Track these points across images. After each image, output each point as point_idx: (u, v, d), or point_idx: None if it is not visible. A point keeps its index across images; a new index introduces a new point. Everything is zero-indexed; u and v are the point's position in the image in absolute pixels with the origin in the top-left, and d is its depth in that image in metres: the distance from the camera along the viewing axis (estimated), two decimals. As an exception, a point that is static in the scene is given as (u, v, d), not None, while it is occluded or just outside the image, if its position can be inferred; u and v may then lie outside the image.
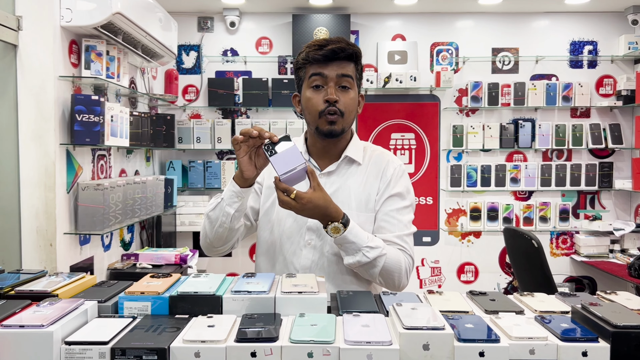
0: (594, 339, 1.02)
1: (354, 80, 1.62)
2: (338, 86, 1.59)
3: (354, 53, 1.60)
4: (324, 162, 1.69)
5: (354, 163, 1.69)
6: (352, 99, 1.62)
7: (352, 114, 1.63)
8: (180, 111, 4.27)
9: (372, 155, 1.72)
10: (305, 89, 1.64)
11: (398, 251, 1.61)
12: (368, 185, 1.67)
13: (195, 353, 0.99)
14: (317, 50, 1.58)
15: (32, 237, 2.56)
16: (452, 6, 4.13)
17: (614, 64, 4.25)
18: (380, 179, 1.68)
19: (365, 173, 1.69)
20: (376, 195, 1.67)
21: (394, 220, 1.64)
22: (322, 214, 1.48)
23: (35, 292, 1.22)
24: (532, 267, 3.15)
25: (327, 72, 1.58)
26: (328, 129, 1.60)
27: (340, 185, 1.66)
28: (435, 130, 4.30)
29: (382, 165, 1.70)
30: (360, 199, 1.66)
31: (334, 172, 1.68)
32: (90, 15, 2.60)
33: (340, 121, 1.60)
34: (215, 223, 1.58)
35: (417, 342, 0.99)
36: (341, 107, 1.59)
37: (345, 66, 1.60)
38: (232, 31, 4.23)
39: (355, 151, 1.70)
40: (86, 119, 2.65)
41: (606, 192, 4.30)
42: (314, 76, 1.60)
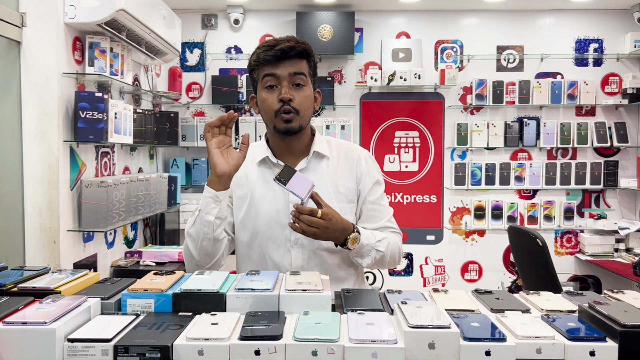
0: (601, 338, 1.01)
1: (307, 77, 1.63)
2: (292, 84, 1.60)
3: (304, 50, 1.61)
4: (290, 161, 1.69)
5: (324, 158, 1.71)
6: (307, 96, 1.62)
7: (308, 111, 1.64)
8: (184, 109, 4.26)
9: (338, 149, 1.75)
10: (260, 90, 1.64)
11: (392, 234, 1.71)
12: (344, 177, 1.70)
13: (198, 351, 0.98)
14: (267, 50, 1.59)
15: (36, 234, 2.56)
16: (456, 4, 4.12)
17: (620, 62, 4.22)
18: (356, 170, 1.71)
19: (336, 166, 1.71)
20: (357, 186, 1.71)
21: (380, 207, 1.73)
22: (342, 227, 1.53)
23: (38, 289, 1.21)
24: (537, 266, 3.14)
25: (279, 71, 1.59)
26: (285, 127, 1.61)
27: (315, 181, 1.62)
28: (439, 129, 4.28)
29: (353, 156, 1.73)
30: (339, 192, 1.68)
31: (306, 168, 1.68)
32: (94, 12, 2.60)
33: (296, 119, 1.61)
34: (198, 238, 1.57)
35: (423, 341, 0.98)
36: (296, 106, 1.60)
37: (296, 64, 1.60)
38: (236, 29, 4.22)
39: (321, 145, 1.72)
40: (90, 116, 2.64)
41: (611, 191, 4.28)
42: (266, 77, 1.61)
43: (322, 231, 1.49)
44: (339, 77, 4.26)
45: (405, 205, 4.31)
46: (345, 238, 1.54)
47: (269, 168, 1.70)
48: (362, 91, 4.28)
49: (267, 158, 1.69)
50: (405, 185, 4.31)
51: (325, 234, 1.50)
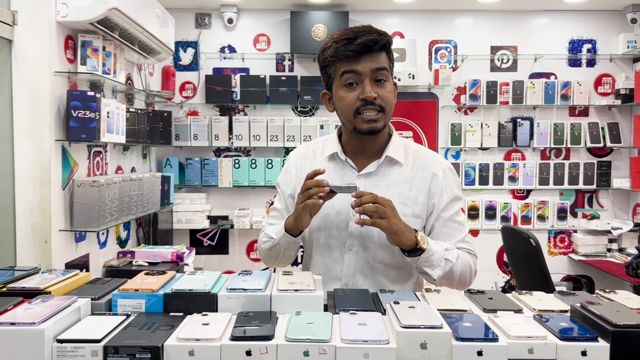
0: (593, 338, 1.01)
1: (389, 71, 1.51)
2: (374, 80, 1.47)
3: (386, 43, 1.48)
4: (361, 162, 1.59)
5: (396, 164, 1.57)
6: (391, 92, 1.50)
7: (392, 107, 1.52)
8: (178, 108, 4.25)
9: (416, 156, 1.60)
10: (337, 88, 1.52)
11: (465, 253, 1.56)
12: (414, 189, 1.56)
13: (189, 351, 0.97)
14: (346, 44, 1.45)
15: (27, 234, 2.54)
16: (450, 4, 4.12)
17: (613, 63, 4.24)
18: (431, 184, 1.56)
19: (409, 175, 1.57)
20: (428, 200, 1.56)
21: (454, 224, 1.57)
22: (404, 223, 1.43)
23: (27, 289, 1.20)
24: (530, 266, 3.14)
25: (361, 68, 1.46)
26: (368, 128, 1.49)
27: (383, 187, 1.54)
28: (433, 128, 4.29)
29: (430, 167, 1.58)
30: (405, 204, 1.54)
31: (374, 172, 1.56)
32: (86, 10, 2.58)
33: (381, 117, 1.49)
34: (277, 258, 1.60)
35: (415, 341, 0.98)
36: (381, 103, 1.47)
37: (378, 58, 1.47)
38: (230, 28, 4.21)
39: (396, 150, 1.58)
40: (82, 115, 2.63)
41: (604, 191, 4.29)
42: (346, 74, 1.47)
43: (389, 212, 1.37)
44: (333, 76, 4.24)
45: (399, 205, 4.30)
46: (415, 235, 1.42)
47: (337, 165, 1.60)
48: (356, 91, 4.26)
49: (335, 154, 1.59)
50: (399, 185, 4.30)
51: (392, 216, 1.38)
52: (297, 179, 1.64)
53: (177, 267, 3.28)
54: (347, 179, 1.57)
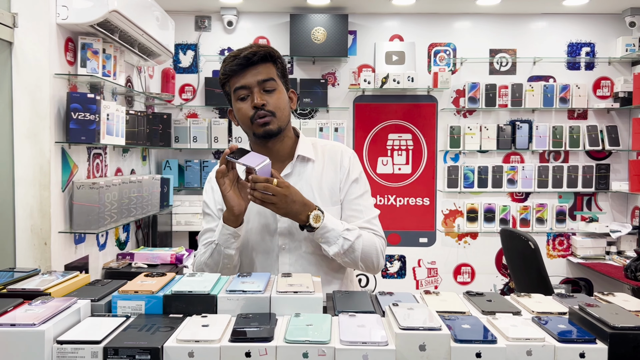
0: (591, 340, 1.01)
1: (277, 79, 1.62)
2: (262, 90, 1.59)
3: (267, 54, 1.60)
4: (276, 166, 1.65)
5: (309, 161, 1.69)
6: (280, 98, 1.61)
7: (284, 112, 1.62)
8: (177, 110, 4.25)
9: (324, 150, 1.73)
10: (234, 102, 1.64)
11: (370, 233, 1.65)
12: (328, 178, 1.68)
13: (189, 353, 0.97)
14: (232, 61, 1.59)
15: (27, 236, 2.54)
16: (450, 7, 4.13)
17: (612, 66, 4.25)
18: (339, 170, 1.70)
19: (321, 168, 1.69)
20: (340, 184, 1.69)
21: (359, 206, 1.68)
22: (302, 202, 1.51)
23: (27, 290, 1.20)
24: (529, 269, 3.15)
25: (247, 81, 1.58)
26: (263, 131, 1.59)
27: (300, 185, 1.64)
28: (432, 131, 4.29)
29: (337, 157, 1.71)
30: (324, 194, 1.66)
31: (291, 173, 1.67)
32: (86, 12, 2.59)
33: (273, 121, 1.59)
34: (217, 267, 1.59)
35: (414, 343, 0.98)
36: (270, 109, 1.58)
37: (263, 70, 1.59)
38: (230, 30, 4.21)
39: (306, 149, 1.69)
40: (82, 117, 2.63)
41: (603, 194, 4.30)
42: (238, 90, 1.60)
43: (281, 199, 1.45)
44: (332, 79, 4.26)
45: (398, 208, 4.31)
46: (307, 215, 1.50)
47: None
48: (355, 94, 4.28)
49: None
50: (398, 187, 4.31)
51: (284, 204, 1.46)
52: (216, 196, 1.69)
53: (177, 269, 3.28)
54: None
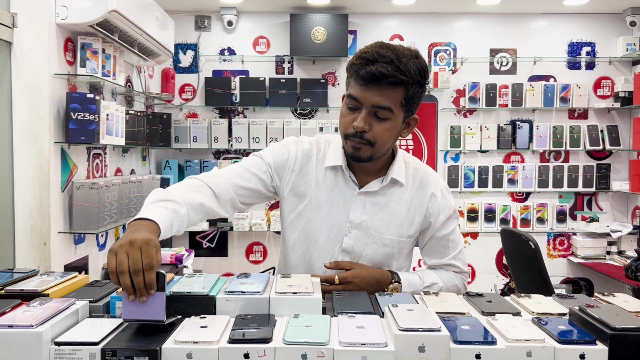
0: (591, 341, 1.01)
1: (397, 107, 1.41)
2: (374, 114, 1.41)
3: (398, 81, 1.36)
4: (361, 177, 1.55)
5: (397, 183, 1.55)
6: (387, 130, 1.42)
7: (386, 144, 1.46)
8: (177, 110, 4.25)
9: (415, 175, 1.59)
10: (343, 103, 1.49)
11: (452, 275, 1.61)
12: (412, 210, 1.56)
13: (187, 354, 0.97)
14: (360, 66, 1.38)
15: (26, 236, 2.54)
16: (450, 6, 4.12)
17: (612, 66, 4.24)
18: (428, 204, 1.57)
19: (409, 196, 1.56)
20: (423, 220, 1.58)
21: (448, 243, 1.61)
22: (375, 281, 1.48)
23: (25, 291, 1.20)
24: (529, 269, 3.14)
25: (363, 97, 1.39)
26: (352, 154, 1.46)
27: (382, 207, 1.54)
28: (432, 131, 4.29)
29: (428, 189, 1.57)
30: (402, 224, 1.55)
31: (377, 192, 1.54)
32: (86, 12, 2.58)
33: (367, 149, 1.44)
34: None
35: (413, 344, 0.97)
36: (370, 137, 1.42)
37: (385, 93, 1.38)
38: (230, 30, 4.21)
39: (399, 171, 1.55)
40: (81, 117, 2.63)
41: (603, 194, 4.29)
42: (349, 98, 1.44)
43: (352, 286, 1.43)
44: (332, 79, 4.26)
45: (398, 208, 4.30)
46: (385, 290, 1.47)
47: (338, 176, 1.56)
48: (355, 93, 4.27)
49: (339, 167, 1.55)
50: (399, 187, 4.30)
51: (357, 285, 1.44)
52: (292, 175, 1.57)
53: (176, 270, 3.28)
54: (348, 193, 1.54)
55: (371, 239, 1.54)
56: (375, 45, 1.40)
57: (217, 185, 1.48)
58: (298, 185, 1.56)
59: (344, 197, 1.53)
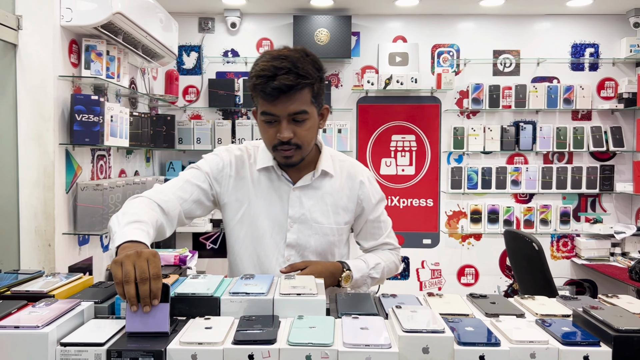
0: (595, 343, 1.01)
1: (310, 105, 1.51)
2: (292, 120, 1.49)
3: (302, 85, 1.45)
4: (294, 174, 1.65)
5: (327, 175, 1.67)
6: (309, 129, 1.53)
7: (310, 142, 1.57)
8: (181, 112, 4.26)
9: (342, 166, 1.71)
10: (259, 120, 1.55)
11: (388, 253, 1.78)
12: (344, 198, 1.68)
13: (192, 355, 0.97)
14: (264, 84, 1.43)
15: (31, 237, 2.55)
16: (453, 8, 4.13)
17: (616, 67, 4.23)
18: (359, 192, 1.70)
19: (338, 185, 1.68)
20: (355, 207, 1.70)
21: (380, 224, 1.76)
22: (330, 273, 1.57)
23: (31, 292, 1.21)
24: (533, 270, 3.14)
25: (277, 111, 1.47)
26: (285, 162, 1.56)
27: (317, 199, 1.64)
28: (436, 132, 4.29)
29: (356, 178, 1.71)
30: (338, 212, 1.67)
31: (310, 186, 1.65)
32: (90, 14, 2.59)
33: (297, 153, 1.54)
34: None
35: (417, 345, 0.98)
36: (297, 142, 1.51)
37: (296, 100, 1.46)
38: (233, 32, 4.22)
39: (327, 163, 1.67)
40: (86, 119, 2.64)
41: (607, 195, 4.28)
42: (263, 115, 1.50)
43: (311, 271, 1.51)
44: (335, 80, 4.26)
45: (401, 209, 4.31)
46: (338, 280, 1.59)
47: (271, 177, 1.65)
48: (358, 95, 4.28)
49: (271, 168, 1.64)
50: (402, 188, 4.31)
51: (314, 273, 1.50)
52: (230, 181, 1.64)
53: (180, 271, 3.29)
54: (284, 191, 1.63)
55: (312, 230, 1.63)
56: (268, 59, 1.47)
57: (165, 202, 1.51)
58: (237, 189, 1.64)
59: (280, 194, 1.63)
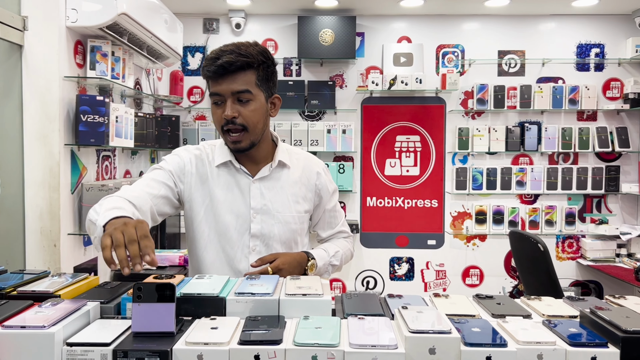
0: (603, 344, 1.00)
1: (255, 88, 1.56)
2: (236, 100, 1.55)
3: (246, 63, 1.53)
4: (250, 167, 1.69)
5: (285, 167, 1.72)
6: (254, 111, 1.57)
7: (258, 125, 1.60)
8: (185, 112, 4.26)
9: (298, 158, 1.77)
10: (211, 103, 1.62)
11: (344, 241, 1.87)
12: (303, 188, 1.74)
13: (198, 355, 0.97)
14: (209, 64, 1.53)
15: (36, 238, 2.56)
16: (458, 8, 4.12)
17: (621, 67, 4.22)
18: (316, 182, 1.77)
19: (296, 176, 1.74)
20: (314, 196, 1.77)
21: (336, 213, 1.85)
22: (297, 264, 1.62)
23: (37, 292, 1.21)
24: (538, 271, 3.13)
25: (222, 89, 1.54)
26: (233, 147, 1.61)
27: (277, 190, 1.69)
28: (440, 133, 4.28)
29: (312, 169, 1.77)
30: (297, 201, 1.72)
31: (268, 176, 1.69)
32: (95, 15, 2.60)
33: (245, 136, 1.58)
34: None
35: (423, 346, 0.97)
36: (242, 122, 1.56)
37: (240, 79, 1.54)
38: (238, 33, 4.22)
39: (284, 155, 1.73)
40: (91, 119, 2.64)
41: (613, 196, 4.27)
42: (212, 95, 1.57)
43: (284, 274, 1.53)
44: (340, 81, 4.26)
45: (406, 210, 4.30)
46: (305, 269, 1.64)
47: (230, 172, 1.68)
48: (363, 95, 4.28)
49: (229, 162, 1.68)
50: (406, 189, 4.30)
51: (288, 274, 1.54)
52: (192, 178, 1.67)
53: (185, 271, 3.28)
54: (244, 184, 1.67)
55: (275, 219, 1.67)
56: (220, 47, 1.57)
57: (136, 197, 1.52)
58: (198, 187, 1.67)
59: (241, 188, 1.67)
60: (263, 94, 1.60)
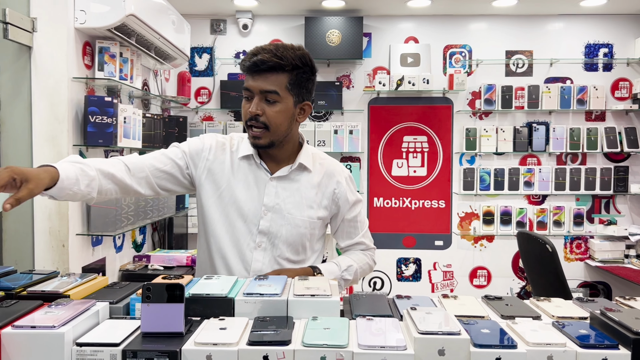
0: (614, 345, 0.99)
1: (284, 91, 1.57)
2: (264, 99, 1.57)
3: (279, 65, 1.55)
4: (271, 166, 1.70)
5: (305, 170, 1.71)
6: (279, 112, 1.58)
7: (280, 127, 1.60)
8: (193, 113, 4.28)
9: (322, 164, 1.76)
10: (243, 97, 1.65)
11: (361, 254, 1.81)
12: (320, 194, 1.72)
13: (207, 356, 0.98)
14: (246, 59, 1.58)
15: (45, 238, 2.57)
16: (465, 9, 4.11)
17: (630, 67, 4.19)
18: (337, 190, 1.73)
19: (317, 181, 1.72)
20: (332, 204, 1.73)
21: (357, 224, 1.80)
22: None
23: (47, 292, 1.22)
24: (546, 272, 3.11)
25: (252, 85, 1.57)
26: (253, 142, 1.63)
27: (293, 191, 1.68)
28: (448, 133, 4.27)
29: (334, 177, 1.74)
30: (312, 207, 1.70)
31: (287, 177, 1.69)
32: (103, 17, 2.61)
33: (265, 135, 1.59)
34: None
35: (432, 347, 0.97)
36: (265, 121, 1.57)
37: (270, 79, 1.56)
38: (245, 33, 4.23)
39: (307, 158, 1.72)
40: (99, 120, 2.65)
41: (621, 197, 4.24)
42: (244, 90, 1.61)
43: None
44: (347, 81, 4.26)
45: (413, 211, 4.29)
46: None
47: (251, 165, 1.69)
48: (370, 96, 4.27)
49: (251, 156, 1.69)
50: (414, 190, 4.29)
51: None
52: (207, 163, 1.69)
53: (192, 271, 3.30)
54: (261, 180, 1.67)
55: (285, 220, 1.66)
56: (263, 44, 1.62)
57: (132, 162, 1.60)
58: (214, 172, 1.68)
59: (258, 183, 1.67)
60: (292, 98, 1.61)
